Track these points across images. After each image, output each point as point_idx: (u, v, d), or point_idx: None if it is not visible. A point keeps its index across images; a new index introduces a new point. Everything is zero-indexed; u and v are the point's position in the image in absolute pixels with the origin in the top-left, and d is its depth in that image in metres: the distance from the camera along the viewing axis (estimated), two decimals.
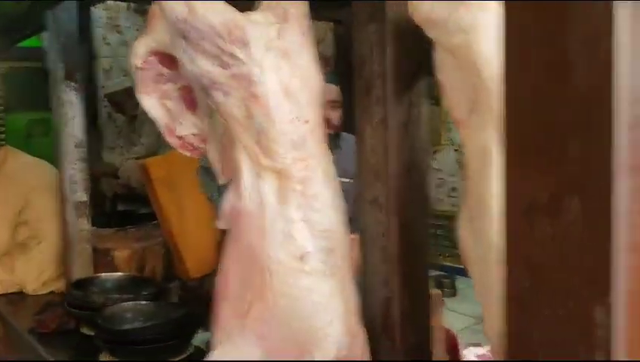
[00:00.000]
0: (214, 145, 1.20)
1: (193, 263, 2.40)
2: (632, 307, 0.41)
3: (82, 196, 2.53)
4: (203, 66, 0.95)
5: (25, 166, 3.11)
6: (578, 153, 0.42)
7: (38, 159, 3.20)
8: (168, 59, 1.16)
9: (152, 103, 1.21)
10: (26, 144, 4.83)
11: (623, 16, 0.39)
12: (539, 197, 0.44)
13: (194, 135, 1.24)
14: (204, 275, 2.38)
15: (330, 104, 2.19)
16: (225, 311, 1.02)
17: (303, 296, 0.97)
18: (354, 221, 1.11)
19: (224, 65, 0.93)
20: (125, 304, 2.16)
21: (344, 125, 2.28)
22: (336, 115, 2.22)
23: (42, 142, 3.61)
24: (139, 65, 1.18)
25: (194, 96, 1.21)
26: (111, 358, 1.99)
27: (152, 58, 1.17)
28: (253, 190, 0.99)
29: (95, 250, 2.81)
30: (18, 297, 2.97)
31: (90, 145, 5.02)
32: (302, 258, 0.96)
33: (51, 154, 3.35)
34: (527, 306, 0.46)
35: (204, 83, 0.97)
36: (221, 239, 2.44)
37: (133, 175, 4.53)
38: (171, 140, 1.25)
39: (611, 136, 0.40)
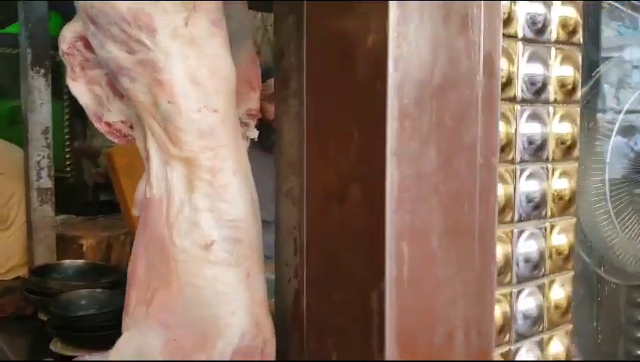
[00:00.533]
0: (139, 132, 1.20)
1: None
2: (411, 295, 0.42)
3: (47, 182, 2.53)
4: (111, 51, 0.95)
5: None
6: (359, 140, 0.42)
7: (9, 144, 3.20)
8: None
9: (79, 89, 1.21)
10: (10, 131, 4.81)
11: (396, 19, 0.40)
12: (330, 183, 0.44)
13: (122, 122, 1.24)
14: None
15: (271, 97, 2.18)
16: (132, 298, 1.03)
17: (207, 285, 0.97)
18: None
19: (131, 51, 0.93)
20: (81, 291, 2.16)
21: None
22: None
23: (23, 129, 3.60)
24: (65, 50, 1.18)
25: None
26: (61, 346, 1.99)
27: (79, 43, 1.16)
28: (161, 178, 0.99)
29: (64, 238, 2.82)
30: None
31: (75, 130, 5.02)
32: (206, 247, 0.96)
33: None
34: (323, 292, 0.46)
35: (112, 68, 0.97)
36: None
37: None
38: (99, 127, 1.25)
39: (385, 123, 0.40)
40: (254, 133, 1.40)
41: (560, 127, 0.67)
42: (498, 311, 0.58)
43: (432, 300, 0.43)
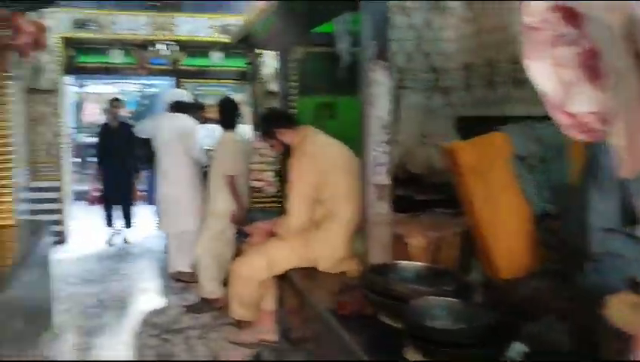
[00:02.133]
0: (622, 127, 0.92)
1: (504, 262, 2.15)
2: None
3: (384, 179, 2.44)
4: None
5: (323, 146, 3.19)
6: None
7: (334, 140, 3.26)
8: (574, 16, 0.91)
9: (540, 70, 0.99)
10: (314, 126, 5.07)
11: None
12: None
13: (591, 113, 0.98)
14: (517, 278, 2.11)
15: None
16: None
17: None
18: None
19: None
20: (431, 298, 2.01)
21: None
22: None
23: (328, 125, 3.69)
24: (532, 23, 0.95)
25: (598, 64, 0.95)
26: (417, 355, 1.85)
27: (553, 15, 0.93)
28: None
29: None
30: (311, 273, 3.06)
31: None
32: None
33: (337, 138, 3.41)
34: None
35: None
36: (543, 239, 2.13)
37: (413, 160, 4.45)
38: (558, 117, 1.01)
39: None
40: None
41: None
42: None
43: None
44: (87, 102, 13.64)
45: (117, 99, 7.23)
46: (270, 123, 3.33)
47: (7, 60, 3.80)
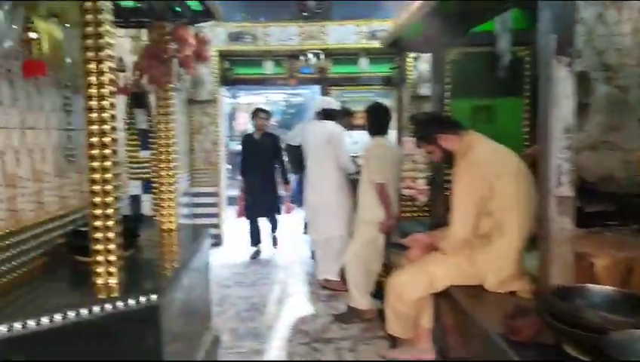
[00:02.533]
0: None
1: None
2: None
3: (567, 190, 2.16)
4: None
5: (490, 152, 2.93)
6: None
7: (501, 146, 2.99)
8: None
9: None
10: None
11: None
12: None
13: None
14: None
15: None
16: None
17: None
18: None
19: None
20: (633, 331, 1.72)
21: None
22: None
23: (485, 129, 3.41)
24: None
25: None
26: None
27: None
28: None
29: None
30: (475, 291, 2.82)
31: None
32: None
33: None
34: None
35: None
36: None
37: (588, 168, 4.02)
38: None
39: None
40: None
41: None
42: None
43: None
44: (239, 111, 14.33)
45: (261, 110, 6.88)
46: (430, 128, 3.11)
47: (172, 72, 3.97)
